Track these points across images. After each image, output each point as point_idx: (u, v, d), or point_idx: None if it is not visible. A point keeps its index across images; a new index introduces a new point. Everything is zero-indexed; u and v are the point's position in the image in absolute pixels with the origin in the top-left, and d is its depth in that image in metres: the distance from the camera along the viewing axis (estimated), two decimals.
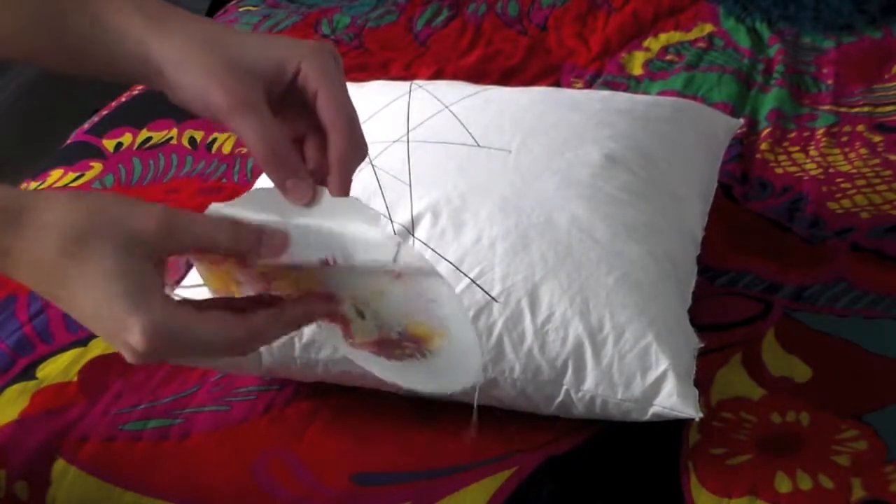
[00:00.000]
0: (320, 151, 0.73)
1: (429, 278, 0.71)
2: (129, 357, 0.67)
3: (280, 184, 0.70)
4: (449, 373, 0.75)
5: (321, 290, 0.72)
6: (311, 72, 0.71)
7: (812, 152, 1.48)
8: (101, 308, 0.65)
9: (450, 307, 0.72)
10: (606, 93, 1.42)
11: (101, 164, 1.60)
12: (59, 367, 1.22)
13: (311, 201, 0.70)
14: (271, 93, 0.72)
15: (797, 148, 1.49)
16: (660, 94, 1.62)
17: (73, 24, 0.74)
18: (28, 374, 1.21)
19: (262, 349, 1.08)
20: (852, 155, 1.46)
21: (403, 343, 0.74)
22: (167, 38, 0.72)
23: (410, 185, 1.12)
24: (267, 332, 0.70)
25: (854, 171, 1.43)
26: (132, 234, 0.65)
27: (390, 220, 1.10)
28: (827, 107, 1.58)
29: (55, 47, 0.77)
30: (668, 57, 1.76)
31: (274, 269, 0.71)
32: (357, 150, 0.73)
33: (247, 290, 0.73)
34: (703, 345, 1.08)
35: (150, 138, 1.64)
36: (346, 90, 0.73)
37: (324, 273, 0.71)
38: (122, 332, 0.65)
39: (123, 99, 1.77)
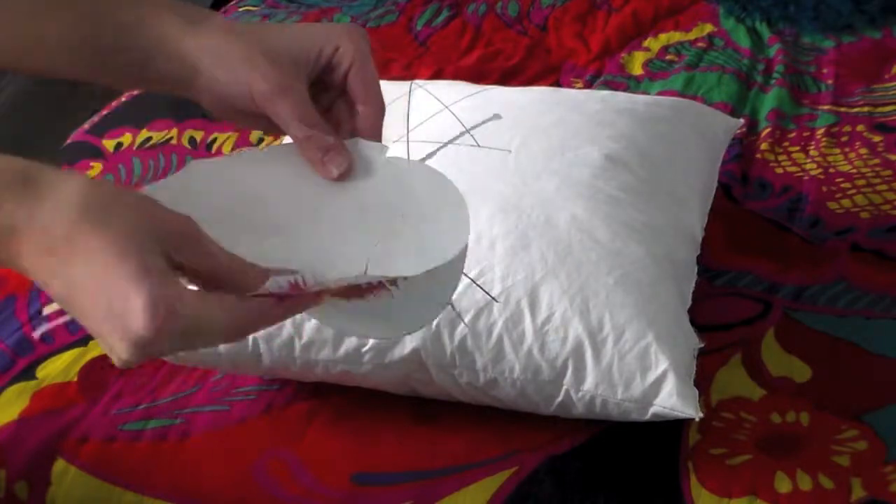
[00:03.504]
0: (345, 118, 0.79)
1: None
2: (122, 350, 0.61)
3: (318, 160, 0.74)
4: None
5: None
6: (347, 53, 0.78)
7: (812, 152, 1.47)
8: (106, 284, 0.60)
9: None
10: (606, 93, 1.42)
11: (101, 164, 1.60)
12: (59, 367, 1.22)
13: (346, 172, 0.75)
14: (309, 76, 0.77)
15: (797, 148, 1.49)
16: (660, 94, 1.62)
17: (111, 31, 0.76)
18: (28, 374, 1.22)
19: (263, 349, 1.09)
20: (852, 155, 1.46)
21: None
22: (204, 35, 0.75)
23: None
24: (272, 311, 0.66)
25: (854, 171, 1.43)
26: (158, 222, 0.62)
27: None
28: (827, 107, 1.58)
29: (91, 57, 0.78)
30: (668, 57, 1.76)
31: None
32: (382, 115, 0.81)
33: None
34: (703, 345, 1.08)
35: (150, 138, 1.64)
36: (374, 68, 0.81)
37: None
38: (122, 309, 0.60)
39: (124, 99, 1.77)
